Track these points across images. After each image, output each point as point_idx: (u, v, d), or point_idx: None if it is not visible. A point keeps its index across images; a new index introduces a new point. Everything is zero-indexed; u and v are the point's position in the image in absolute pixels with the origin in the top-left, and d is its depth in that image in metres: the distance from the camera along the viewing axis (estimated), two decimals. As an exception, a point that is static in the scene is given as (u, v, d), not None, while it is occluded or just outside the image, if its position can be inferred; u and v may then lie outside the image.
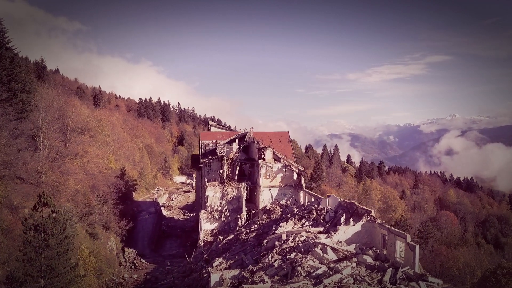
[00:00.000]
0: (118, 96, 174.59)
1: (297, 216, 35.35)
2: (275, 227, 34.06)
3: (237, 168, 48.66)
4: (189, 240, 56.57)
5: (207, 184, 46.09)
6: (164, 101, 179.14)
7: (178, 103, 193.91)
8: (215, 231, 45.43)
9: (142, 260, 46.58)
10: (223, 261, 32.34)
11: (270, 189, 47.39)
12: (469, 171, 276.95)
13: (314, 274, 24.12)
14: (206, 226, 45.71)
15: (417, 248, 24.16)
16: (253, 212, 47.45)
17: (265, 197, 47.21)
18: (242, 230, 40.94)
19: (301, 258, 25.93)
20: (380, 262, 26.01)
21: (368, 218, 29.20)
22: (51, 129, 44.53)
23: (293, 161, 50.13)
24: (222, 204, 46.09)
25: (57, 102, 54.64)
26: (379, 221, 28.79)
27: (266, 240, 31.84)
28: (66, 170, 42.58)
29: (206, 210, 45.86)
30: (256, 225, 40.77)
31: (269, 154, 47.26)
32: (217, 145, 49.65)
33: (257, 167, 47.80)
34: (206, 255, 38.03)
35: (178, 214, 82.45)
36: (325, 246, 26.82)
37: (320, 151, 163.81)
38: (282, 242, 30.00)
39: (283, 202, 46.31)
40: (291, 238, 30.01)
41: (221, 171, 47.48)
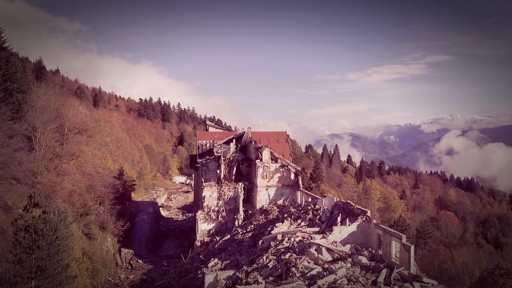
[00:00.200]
0: (119, 97, 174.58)
1: (293, 217, 35.15)
2: (271, 228, 33.87)
3: (234, 168, 48.49)
4: (187, 241, 56.37)
5: (204, 184, 45.91)
6: (164, 101, 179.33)
7: (178, 103, 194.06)
8: (212, 232, 45.25)
9: (139, 261, 46.37)
10: (219, 262, 32.16)
11: (268, 189, 47.21)
12: (470, 171, 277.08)
13: (309, 275, 23.91)
14: (203, 227, 45.54)
15: (412, 249, 23.95)
16: (251, 212, 47.29)
17: (263, 197, 47.03)
18: (239, 231, 40.74)
19: (296, 259, 25.74)
20: (376, 263, 25.79)
21: (364, 218, 28.99)
22: (47, 129, 44.33)
23: (291, 161, 49.96)
24: (219, 205, 45.90)
25: (55, 102, 54.45)
26: (375, 221, 28.58)
27: (262, 241, 31.65)
28: (62, 171, 42.37)
29: (203, 211, 45.67)
30: (253, 226, 40.57)
31: (266, 154, 47.07)
32: (215, 145, 49.49)
33: (254, 167, 47.62)
34: (202, 256, 37.87)
35: (177, 215, 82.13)
36: (320, 247, 26.62)
37: (321, 151, 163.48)
38: (278, 243, 29.80)
39: (280, 202, 46.16)
40: (287, 239, 29.80)
41: (218, 171, 47.31)
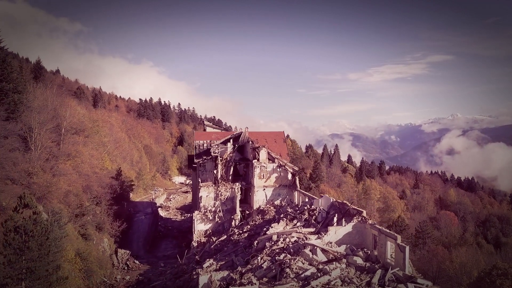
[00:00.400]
0: (119, 97, 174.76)
1: (289, 217, 34.94)
2: (267, 228, 33.67)
3: (232, 168, 48.27)
4: (185, 241, 56.18)
5: (201, 185, 45.73)
6: (165, 102, 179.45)
7: (179, 104, 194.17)
8: (209, 232, 45.07)
9: (136, 261, 46.20)
10: (214, 263, 31.97)
11: (265, 189, 47.00)
12: (471, 171, 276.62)
13: (303, 276, 23.68)
14: (200, 227, 45.36)
15: (407, 249, 23.71)
16: (248, 213, 47.10)
17: (260, 198, 46.82)
18: (235, 231, 40.56)
19: (290, 260, 25.51)
20: (371, 263, 25.55)
21: (359, 219, 28.75)
22: (44, 129, 44.19)
23: (288, 161, 49.73)
24: (216, 205, 45.72)
25: (52, 103, 54.42)
26: (370, 222, 28.34)
27: (257, 241, 31.43)
28: (58, 171, 42.22)
29: (200, 211, 45.49)
30: (249, 226, 40.38)
31: (263, 154, 46.87)
32: (212, 145, 49.29)
33: (252, 167, 47.42)
34: (198, 256, 37.67)
35: (176, 215, 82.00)
36: (315, 247, 26.38)
37: (321, 151, 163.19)
38: (272, 243, 29.58)
39: (278, 203, 45.91)
40: (282, 239, 29.58)
41: (215, 171, 47.10)
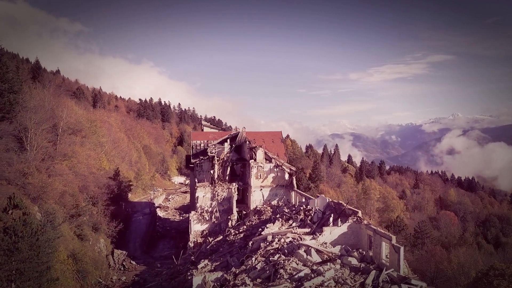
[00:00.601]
0: (119, 97, 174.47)
1: (285, 217, 34.73)
2: (262, 229, 33.45)
3: (228, 169, 48.09)
4: (183, 241, 55.89)
5: (197, 185, 45.53)
6: (165, 102, 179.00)
7: (179, 104, 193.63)
8: (206, 232, 44.84)
9: (132, 262, 45.98)
10: (209, 263, 31.74)
11: (262, 190, 46.81)
12: (471, 171, 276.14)
13: (296, 277, 23.48)
14: (197, 227, 45.14)
15: (402, 250, 23.51)
16: (245, 213, 46.89)
17: (257, 198, 46.63)
18: (231, 231, 40.33)
19: (284, 260, 25.31)
20: (366, 264, 25.34)
21: (355, 219, 28.54)
22: (40, 130, 43.97)
23: (286, 161, 49.52)
24: (213, 205, 45.50)
25: (49, 103, 54.17)
26: (366, 222, 28.14)
27: (252, 242, 31.23)
28: (54, 171, 42.01)
29: (197, 211, 45.28)
30: (245, 226, 40.15)
31: (260, 154, 46.65)
32: (209, 145, 49.09)
33: (249, 167, 47.20)
34: (194, 257, 37.47)
35: (174, 215, 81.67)
36: (309, 248, 26.18)
37: (321, 151, 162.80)
38: (267, 244, 29.35)
39: (275, 203, 45.70)
40: (276, 240, 29.35)
41: (212, 172, 46.91)
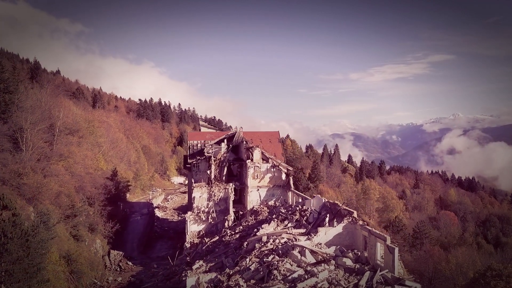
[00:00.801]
0: (119, 97, 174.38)
1: (280, 218, 34.51)
2: (257, 229, 33.25)
3: (225, 169, 47.88)
4: (181, 242, 55.72)
5: (194, 185, 45.34)
6: (165, 102, 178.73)
7: (179, 104, 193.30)
8: (202, 233, 44.67)
9: (129, 263, 45.73)
10: (203, 264, 31.54)
11: (259, 190, 46.59)
12: (471, 170, 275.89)
13: (290, 278, 23.25)
14: (193, 228, 44.96)
15: (396, 251, 23.27)
16: (241, 213, 46.67)
17: (254, 198, 46.42)
18: (228, 232, 40.13)
19: (278, 261, 25.08)
20: (360, 265, 25.10)
21: (350, 219, 28.32)
22: (35, 130, 43.81)
23: (283, 161, 49.31)
24: (209, 205, 45.30)
25: (45, 103, 54.07)
26: (361, 223, 27.92)
27: (247, 242, 31.02)
28: (50, 172, 41.83)
29: (193, 212, 45.09)
30: (242, 227, 39.96)
31: (257, 154, 46.44)
32: (205, 145, 48.90)
33: (245, 167, 47.00)
34: (189, 258, 37.27)
35: (173, 215, 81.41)
36: (304, 249, 25.96)
37: (321, 151, 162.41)
38: (262, 245, 29.13)
39: (272, 203, 45.50)
40: (271, 240, 29.13)
41: (209, 172, 46.70)
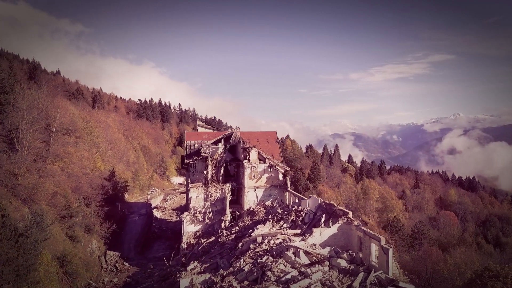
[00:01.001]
0: (119, 98, 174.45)
1: (276, 218, 34.31)
2: (252, 230, 33.05)
3: (222, 169, 47.72)
4: (178, 242, 55.55)
5: (190, 186, 45.18)
6: (165, 102, 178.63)
7: (179, 104, 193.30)
8: (199, 234, 44.47)
9: (125, 263, 45.57)
10: (198, 265, 31.34)
11: (255, 190, 46.41)
12: (472, 170, 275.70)
13: (283, 279, 23.03)
14: (190, 228, 44.77)
15: (391, 252, 23.06)
16: (238, 214, 46.48)
17: (250, 198, 46.23)
18: (224, 233, 39.93)
19: (272, 262, 24.87)
20: (355, 266, 24.88)
21: (345, 220, 28.11)
22: (31, 130, 43.65)
23: (280, 161, 49.11)
24: (206, 206, 45.10)
25: (42, 103, 53.94)
26: (356, 223, 27.71)
27: (241, 243, 30.84)
28: (45, 172, 41.68)
29: (190, 212, 44.89)
30: (238, 227, 39.75)
31: (254, 154, 46.25)
32: (202, 146, 48.73)
33: (242, 168, 46.81)
34: (184, 259, 37.09)
35: (171, 216, 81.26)
36: (298, 250, 25.74)
37: (321, 151, 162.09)
38: (257, 245, 28.95)
39: (269, 203, 45.28)
40: (266, 241, 28.92)
41: (205, 172, 46.53)
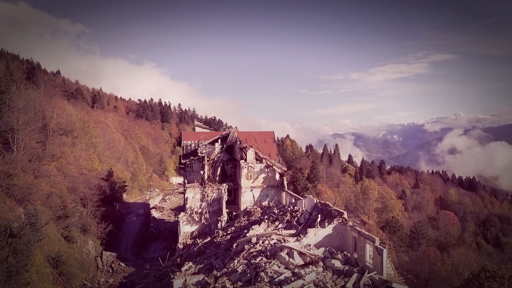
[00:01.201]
0: (119, 98, 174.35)
1: (271, 218, 34.09)
2: (247, 230, 32.86)
3: (219, 169, 47.52)
4: (176, 243, 55.41)
5: (187, 186, 45.02)
6: (165, 102, 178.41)
7: (179, 104, 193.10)
8: (195, 234, 44.29)
9: (121, 264, 45.35)
10: (193, 266, 31.17)
11: (252, 190, 46.24)
12: (472, 170, 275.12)
13: (277, 280, 22.85)
14: (186, 229, 44.59)
15: (385, 252, 22.86)
16: (235, 214, 46.29)
17: (247, 198, 46.05)
18: (220, 233, 39.73)
19: (266, 263, 24.69)
20: (350, 267, 24.70)
21: (340, 220, 27.91)
22: (27, 130, 43.48)
23: (277, 162, 48.90)
24: (202, 206, 44.92)
25: (39, 103, 53.77)
26: (351, 224, 27.51)
27: (236, 244, 30.66)
28: (41, 172, 41.50)
29: (186, 212, 44.72)
30: (234, 228, 39.56)
31: (251, 154, 46.05)
32: (199, 145, 48.54)
33: (239, 168, 46.62)
34: (180, 259, 36.90)
35: (169, 216, 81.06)
36: (292, 250, 25.54)
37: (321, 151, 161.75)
38: (251, 246, 28.76)
39: (266, 203, 45.06)
40: (261, 242, 28.73)
41: (202, 172, 46.33)
